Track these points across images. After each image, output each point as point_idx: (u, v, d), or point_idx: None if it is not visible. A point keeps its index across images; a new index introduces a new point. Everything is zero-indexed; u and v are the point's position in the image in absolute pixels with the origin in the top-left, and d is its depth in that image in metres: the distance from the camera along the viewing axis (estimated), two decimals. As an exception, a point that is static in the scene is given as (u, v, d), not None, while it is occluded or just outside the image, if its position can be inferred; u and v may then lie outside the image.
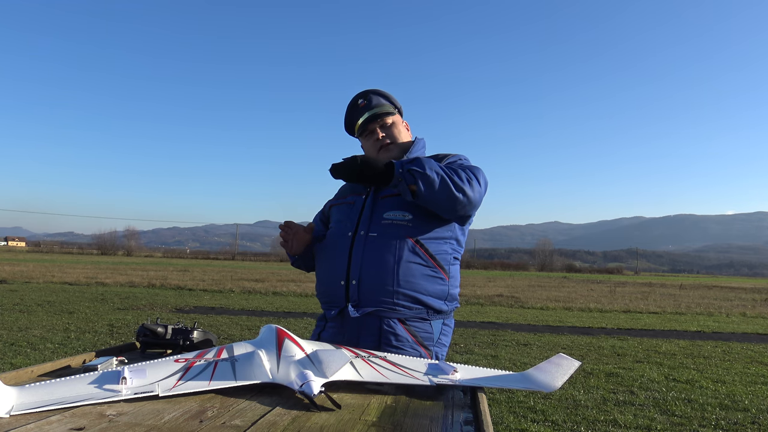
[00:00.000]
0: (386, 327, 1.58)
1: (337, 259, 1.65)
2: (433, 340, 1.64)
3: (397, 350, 1.57)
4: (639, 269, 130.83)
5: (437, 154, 1.80)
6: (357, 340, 1.60)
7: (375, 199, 1.70)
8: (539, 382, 1.25)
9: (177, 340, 1.59)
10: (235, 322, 9.29)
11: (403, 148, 1.80)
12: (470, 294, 18.15)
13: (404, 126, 1.87)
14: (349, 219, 1.71)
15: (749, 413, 4.45)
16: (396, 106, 1.85)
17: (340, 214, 1.78)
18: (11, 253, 64.06)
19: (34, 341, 6.76)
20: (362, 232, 1.63)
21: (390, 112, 1.81)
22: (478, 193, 1.60)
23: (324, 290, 1.71)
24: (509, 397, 4.57)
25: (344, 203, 1.79)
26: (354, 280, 1.59)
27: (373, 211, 1.67)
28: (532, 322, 11.17)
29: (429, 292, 1.60)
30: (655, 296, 20.59)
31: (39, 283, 17.10)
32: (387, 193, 1.68)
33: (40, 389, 1.04)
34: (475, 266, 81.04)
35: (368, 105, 1.80)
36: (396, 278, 1.56)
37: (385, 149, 1.78)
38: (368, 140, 1.81)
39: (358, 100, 1.81)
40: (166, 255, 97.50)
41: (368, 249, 1.60)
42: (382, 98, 1.82)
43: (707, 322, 12.16)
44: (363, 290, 1.58)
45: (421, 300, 1.59)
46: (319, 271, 1.76)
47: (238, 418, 0.97)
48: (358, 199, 1.74)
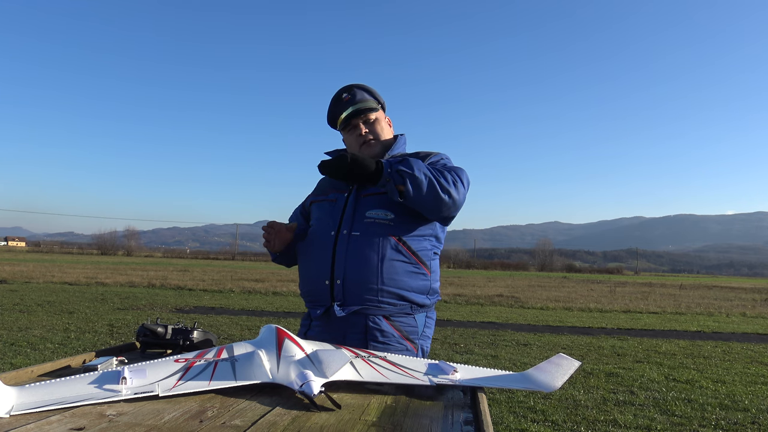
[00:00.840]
0: (372, 324, 1.60)
1: (321, 259, 1.65)
2: (418, 334, 1.66)
3: (384, 346, 1.59)
4: (639, 269, 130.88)
5: (418, 152, 1.80)
6: (343, 338, 1.60)
7: (357, 198, 1.69)
8: (539, 382, 1.25)
9: (177, 340, 1.59)
10: (235, 322, 9.29)
11: (385, 145, 1.81)
12: (470, 294, 18.15)
13: (387, 122, 1.87)
14: (332, 217, 1.71)
15: (749, 413, 4.45)
16: (380, 102, 1.84)
17: (321, 212, 1.78)
18: (11, 253, 64.08)
19: (34, 341, 6.77)
20: (345, 231, 1.64)
21: (374, 108, 1.80)
22: (462, 195, 1.63)
23: (308, 289, 1.72)
24: (509, 397, 4.56)
25: (326, 200, 1.78)
26: (339, 280, 1.60)
27: (356, 210, 1.67)
28: (532, 322, 11.17)
29: (412, 288, 1.63)
30: (655, 296, 20.60)
31: (39, 283, 17.11)
32: (369, 191, 1.68)
33: (40, 389, 1.04)
34: (475, 266, 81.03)
35: (352, 99, 1.79)
36: (380, 276, 1.58)
37: (367, 145, 1.78)
38: (351, 135, 1.81)
39: (343, 94, 1.80)
40: (166, 255, 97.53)
41: (352, 248, 1.61)
42: (367, 93, 1.82)
43: (707, 322, 12.16)
44: (348, 289, 1.59)
45: (405, 296, 1.62)
46: (303, 270, 1.75)
47: (238, 418, 0.97)
48: (340, 197, 1.74)
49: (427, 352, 1.72)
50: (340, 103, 1.81)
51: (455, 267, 79.18)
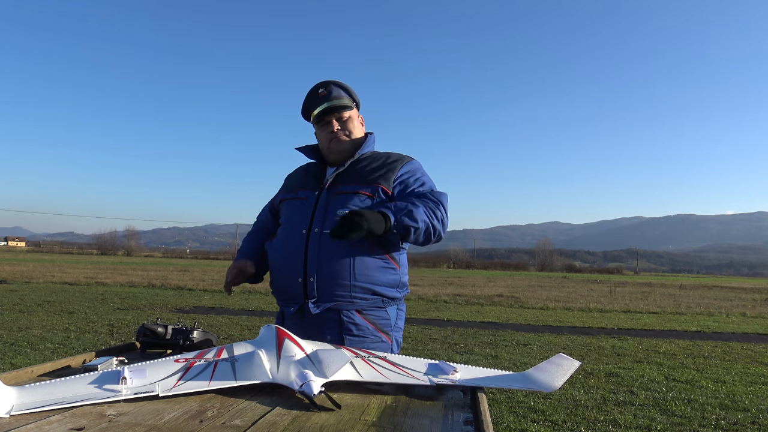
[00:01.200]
0: (346, 318, 1.66)
1: (293, 257, 1.68)
2: (392, 326, 1.73)
3: (360, 339, 1.66)
4: (639, 269, 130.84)
5: (389, 154, 1.84)
6: (319, 335, 1.63)
7: (328, 196, 1.73)
8: (539, 382, 1.25)
9: (177, 340, 1.59)
10: (235, 322, 9.29)
11: (354, 143, 1.83)
12: (470, 294, 18.15)
13: (359, 121, 1.90)
14: (302, 215, 1.73)
15: (749, 413, 4.45)
16: (354, 100, 1.87)
17: (291, 210, 1.80)
18: (11, 253, 64.07)
19: (34, 341, 6.77)
20: (317, 229, 1.67)
21: (348, 106, 1.83)
22: (446, 229, 1.71)
23: (281, 288, 1.75)
24: (509, 397, 4.57)
25: (296, 198, 1.80)
26: (312, 277, 1.64)
27: (327, 209, 1.70)
28: (532, 322, 11.17)
29: (383, 282, 1.68)
30: (655, 296, 20.60)
31: (39, 283, 17.11)
32: (340, 189, 1.72)
33: (40, 389, 1.04)
34: (475, 266, 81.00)
35: (328, 96, 1.81)
36: (353, 272, 1.63)
37: (336, 141, 1.80)
38: (323, 130, 1.83)
39: (319, 89, 1.82)
40: (166, 255, 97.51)
41: (324, 246, 1.64)
42: (343, 91, 1.83)
43: (707, 322, 12.16)
44: (321, 286, 1.64)
45: (377, 291, 1.67)
46: (275, 268, 1.78)
47: (238, 418, 0.97)
48: (311, 195, 1.76)
49: (401, 343, 1.78)
50: (316, 97, 1.83)
51: (455, 267, 79.14)
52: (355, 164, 1.79)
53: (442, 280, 29.35)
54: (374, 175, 1.73)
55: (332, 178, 1.76)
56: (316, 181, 1.79)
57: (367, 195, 1.69)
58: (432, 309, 13.12)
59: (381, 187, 1.71)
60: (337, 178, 1.76)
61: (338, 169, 1.77)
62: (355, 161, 1.79)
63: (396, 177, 1.74)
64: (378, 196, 1.69)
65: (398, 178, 1.74)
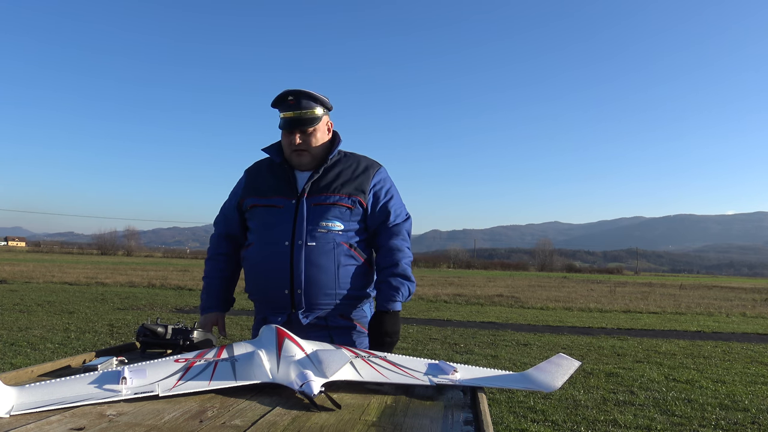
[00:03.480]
0: (332, 323, 1.78)
1: (278, 269, 1.73)
2: (368, 319, 1.84)
3: (346, 338, 1.78)
4: (639, 269, 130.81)
5: (358, 159, 1.86)
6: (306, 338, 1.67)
7: (309, 207, 1.75)
8: (539, 382, 1.25)
9: (177, 340, 1.59)
10: (235, 322, 9.28)
11: (314, 155, 1.81)
12: (470, 294, 18.15)
13: (327, 126, 1.86)
14: (282, 226, 1.74)
15: (749, 413, 4.45)
16: (326, 107, 1.84)
17: (269, 218, 1.78)
18: (11, 253, 64.08)
19: (34, 341, 6.77)
20: (300, 241, 1.72)
21: (315, 118, 1.78)
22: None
23: (265, 298, 1.81)
24: (509, 397, 4.57)
25: (272, 206, 1.79)
26: (299, 289, 1.72)
27: (308, 220, 1.73)
28: (532, 322, 11.17)
29: (363, 285, 1.82)
30: (655, 296, 20.59)
31: (39, 283, 17.11)
32: (318, 200, 1.76)
33: (40, 389, 1.04)
34: (475, 266, 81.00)
35: (296, 105, 1.77)
36: (337, 282, 1.74)
37: (297, 154, 1.80)
38: (286, 138, 1.81)
39: (288, 96, 1.78)
40: (166, 255, 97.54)
41: (309, 258, 1.72)
42: (312, 101, 1.79)
43: (707, 322, 12.16)
44: (308, 297, 1.73)
45: (358, 294, 1.81)
46: (259, 279, 1.81)
47: (238, 418, 0.97)
48: (288, 204, 1.76)
49: None
50: (284, 103, 1.79)
51: (455, 267, 79.14)
52: (328, 170, 1.80)
53: (442, 280, 29.34)
54: (350, 187, 1.78)
55: (309, 187, 1.77)
56: (289, 188, 1.78)
57: (347, 207, 1.76)
58: (432, 309, 13.12)
59: (359, 199, 1.78)
60: (312, 186, 1.77)
61: (313, 176, 1.78)
62: (328, 167, 1.81)
63: (369, 188, 1.81)
64: (356, 208, 1.77)
65: (372, 188, 1.82)
